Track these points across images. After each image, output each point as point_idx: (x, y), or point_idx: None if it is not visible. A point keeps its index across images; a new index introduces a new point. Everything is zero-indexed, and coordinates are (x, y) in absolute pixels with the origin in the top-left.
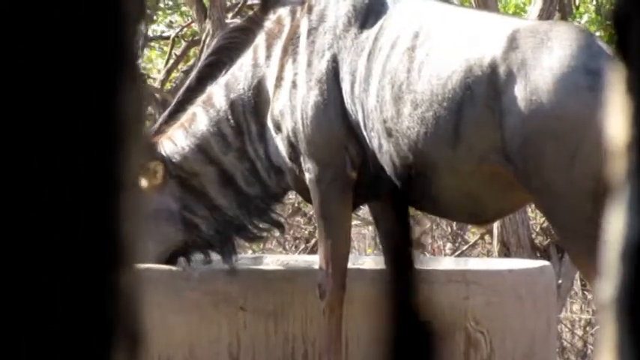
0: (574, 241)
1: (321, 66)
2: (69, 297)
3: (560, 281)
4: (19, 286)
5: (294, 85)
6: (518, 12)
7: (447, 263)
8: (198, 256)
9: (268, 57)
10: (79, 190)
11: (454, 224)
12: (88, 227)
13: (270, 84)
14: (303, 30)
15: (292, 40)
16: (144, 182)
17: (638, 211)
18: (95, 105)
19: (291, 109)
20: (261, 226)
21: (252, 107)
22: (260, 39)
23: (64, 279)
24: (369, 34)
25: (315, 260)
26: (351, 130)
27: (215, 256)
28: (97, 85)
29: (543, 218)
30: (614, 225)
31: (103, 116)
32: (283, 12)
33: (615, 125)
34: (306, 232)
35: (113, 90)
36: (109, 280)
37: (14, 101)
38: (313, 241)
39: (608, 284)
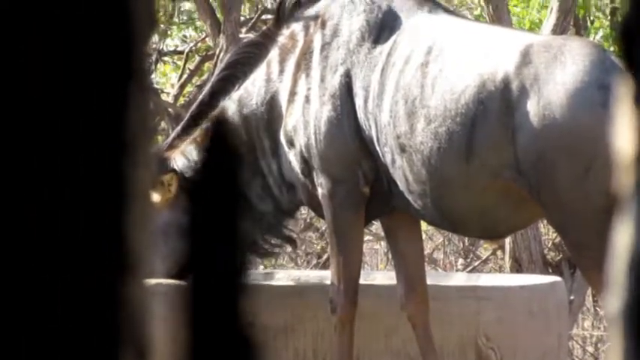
0: (586, 257)
1: (335, 81)
2: (78, 307)
3: (572, 297)
4: (29, 295)
5: (307, 100)
6: (533, 28)
7: (458, 279)
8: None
9: (281, 72)
10: (89, 200)
11: (466, 240)
12: (97, 236)
13: (283, 99)
14: (317, 45)
15: (305, 55)
16: (156, 196)
17: None
18: (104, 116)
19: (304, 124)
20: (272, 241)
21: (265, 122)
22: (273, 54)
23: (73, 289)
24: (383, 49)
25: (327, 276)
26: (364, 146)
27: None
28: (106, 97)
29: (555, 234)
30: (622, 238)
31: (112, 127)
32: (297, 27)
33: (623, 138)
34: (319, 247)
35: (122, 101)
36: (118, 291)
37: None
38: (325, 256)
39: (616, 297)
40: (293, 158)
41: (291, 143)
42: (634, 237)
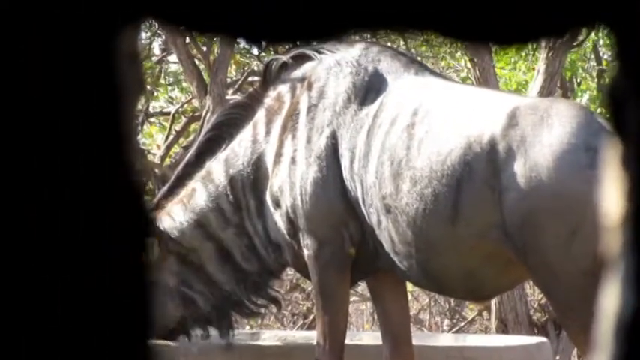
0: (572, 318)
1: (321, 142)
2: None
3: (557, 358)
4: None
5: (293, 161)
6: (520, 89)
7: (444, 339)
8: (196, 331)
9: (268, 133)
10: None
11: (452, 300)
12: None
13: (269, 160)
14: (303, 106)
15: (292, 116)
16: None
17: (633, 286)
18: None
19: (290, 185)
20: (258, 302)
21: (251, 183)
22: (260, 115)
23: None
24: (369, 110)
25: (313, 336)
26: (350, 207)
27: (213, 331)
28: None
29: (541, 295)
30: (609, 299)
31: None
32: (283, 88)
33: (611, 200)
34: (304, 308)
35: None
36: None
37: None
38: (311, 317)
39: (602, 357)
40: (279, 219)
41: (277, 204)
42: (621, 298)
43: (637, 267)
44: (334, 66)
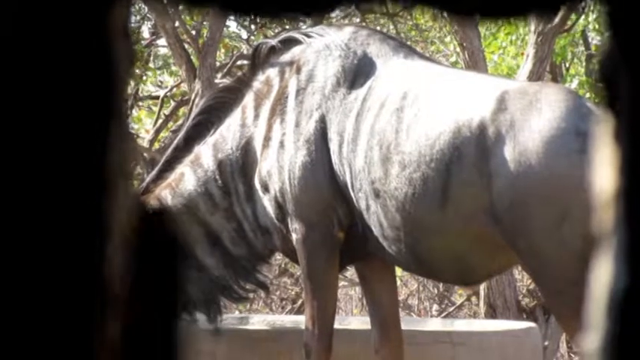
0: (560, 303)
1: (309, 126)
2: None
3: (546, 343)
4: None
5: (281, 145)
6: (510, 74)
7: (433, 324)
8: (184, 316)
9: (256, 117)
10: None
11: (441, 286)
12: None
13: (257, 144)
14: (292, 90)
15: (280, 100)
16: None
17: (625, 261)
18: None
19: (278, 169)
20: (246, 286)
21: (240, 167)
22: (248, 99)
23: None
24: (358, 94)
25: (301, 320)
26: (338, 191)
27: (201, 316)
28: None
29: (530, 280)
30: (601, 275)
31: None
32: (272, 72)
33: (603, 176)
34: (293, 292)
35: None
36: (95, 328)
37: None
38: (300, 302)
39: (594, 334)
40: (267, 203)
41: (265, 188)
42: (613, 274)
43: (629, 242)
44: (323, 49)
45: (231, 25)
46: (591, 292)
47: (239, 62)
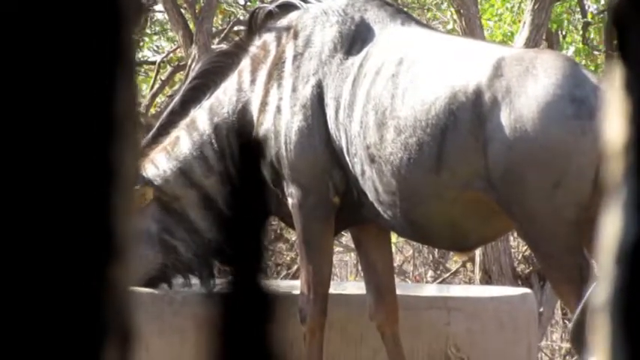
0: (555, 269)
1: (306, 91)
2: (62, 292)
3: (541, 309)
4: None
5: (278, 110)
6: (506, 40)
7: (428, 290)
8: (178, 280)
9: (253, 82)
10: (75, 185)
11: (436, 251)
12: (83, 221)
13: (254, 109)
14: (289, 55)
15: (277, 65)
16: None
17: (635, 212)
18: (92, 99)
19: (274, 134)
20: None
21: (236, 131)
22: (245, 63)
23: (57, 274)
24: (355, 60)
25: (296, 285)
26: (334, 156)
27: (195, 280)
28: (94, 79)
29: (525, 246)
30: (610, 227)
31: (99, 112)
32: (269, 37)
33: (613, 126)
34: (288, 258)
35: (110, 84)
36: (103, 276)
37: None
38: (295, 267)
39: (603, 286)
40: (263, 168)
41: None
42: (622, 224)
43: (639, 192)
44: (320, 15)
45: None
46: (600, 244)
47: (236, 28)
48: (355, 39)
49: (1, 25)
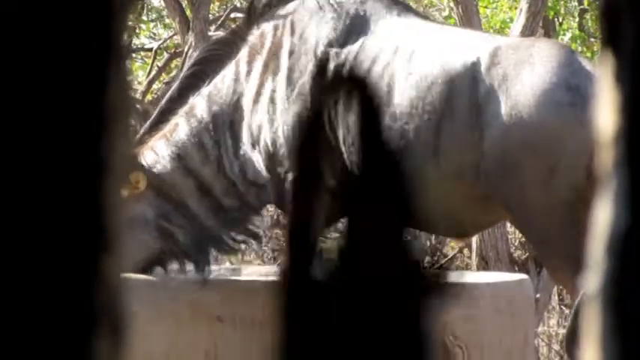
0: (551, 256)
1: (302, 82)
2: (52, 283)
3: (538, 295)
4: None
5: (272, 101)
6: (503, 28)
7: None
8: (174, 266)
9: (249, 72)
10: (64, 175)
11: (433, 238)
12: (73, 211)
13: (248, 100)
14: (285, 47)
15: (273, 58)
16: (123, 192)
17: (626, 202)
18: (84, 89)
19: (269, 121)
20: (237, 237)
21: (231, 120)
22: (242, 53)
23: (47, 264)
24: (350, 50)
25: None
26: (331, 143)
27: (190, 267)
28: (86, 69)
29: None
30: (601, 216)
31: (89, 101)
32: (267, 27)
33: (604, 116)
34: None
35: (100, 75)
36: (94, 266)
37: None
38: None
39: (594, 275)
40: (258, 156)
41: (256, 141)
42: (613, 214)
43: (630, 182)
44: (316, 11)
45: None
46: (592, 232)
47: (233, 15)
48: (351, 32)
49: None
